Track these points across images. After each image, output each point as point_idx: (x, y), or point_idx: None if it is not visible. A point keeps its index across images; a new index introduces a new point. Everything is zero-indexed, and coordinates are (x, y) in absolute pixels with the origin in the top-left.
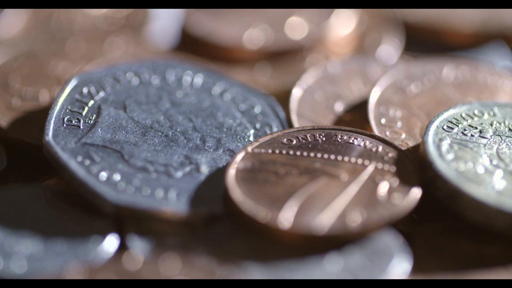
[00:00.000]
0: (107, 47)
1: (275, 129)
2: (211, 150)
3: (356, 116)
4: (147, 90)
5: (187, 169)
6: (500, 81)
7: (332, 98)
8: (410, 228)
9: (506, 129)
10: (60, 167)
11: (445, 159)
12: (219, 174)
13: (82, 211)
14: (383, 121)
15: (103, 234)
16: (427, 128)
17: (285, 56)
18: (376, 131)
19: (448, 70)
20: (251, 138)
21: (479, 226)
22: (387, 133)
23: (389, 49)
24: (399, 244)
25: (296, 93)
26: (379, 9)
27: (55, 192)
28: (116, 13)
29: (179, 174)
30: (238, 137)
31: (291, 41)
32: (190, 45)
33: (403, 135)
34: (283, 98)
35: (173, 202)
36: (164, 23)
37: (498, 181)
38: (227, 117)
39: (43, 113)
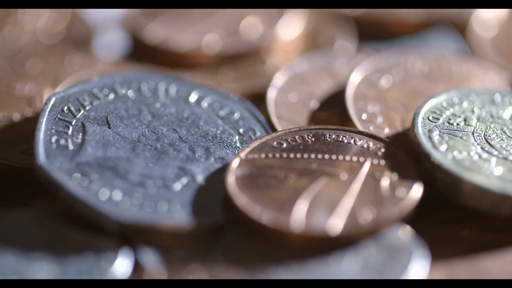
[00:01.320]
0: (67, 64)
1: (258, 133)
2: (203, 159)
3: (333, 113)
4: (126, 104)
5: (184, 180)
6: (464, 67)
7: (306, 97)
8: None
9: (488, 115)
10: (57, 189)
11: (439, 150)
12: (217, 183)
13: (85, 230)
14: (364, 116)
15: (114, 251)
16: (414, 120)
17: (246, 60)
18: (360, 128)
19: (413, 61)
20: (238, 144)
21: (483, 213)
22: (371, 128)
23: (345, 44)
24: (412, 237)
25: (272, 95)
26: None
27: (53, 214)
28: (54, 26)
29: (177, 186)
30: (225, 144)
31: (247, 43)
32: (144, 54)
33: (386, 130)
34: (252, 102)
35: (178, 215)
36: (111, 33)
37: (496, 168)
38: (210, 125)
39: (20, 135)
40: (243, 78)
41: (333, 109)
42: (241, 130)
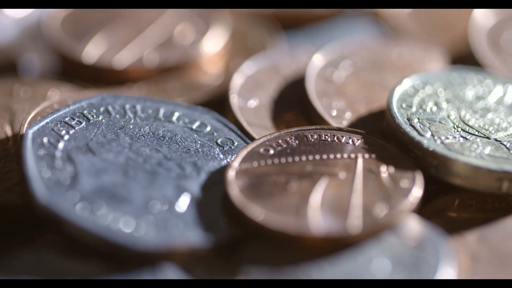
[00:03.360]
0: (16, 97)
1: (236, 142)
2: (194, 175)
3: (297, 113)
4: (101, 129)
5: (186, 198)
6: (404, 51)
7: (266, 100)
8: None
9: (453, 96)
10: (66, 226)
11: (426, 137)
12: (220, 197)
13: (98, 259)
14: (334, 113)
15: (138, 272)
16: (391, 111)
17: (186, 71)
18: (334, 125)
19: (355, 52)
20: (221, 156)
21: (483, 193)
22: (344, 123)
23: (277, 42)
24: (429, 226)
25: (234, 101)
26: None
27: (61, 249)
28: None
29: (182, 205)
30: (209, 157)
31: (183, 53)
32: (81, 74)
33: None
34: None
35: (193, 235)
36: (29, 54)
37: (484, 148)
38: (188, 141)
39: None
40: (188, 90)
41: (295, 109)
42: (219, 141)
